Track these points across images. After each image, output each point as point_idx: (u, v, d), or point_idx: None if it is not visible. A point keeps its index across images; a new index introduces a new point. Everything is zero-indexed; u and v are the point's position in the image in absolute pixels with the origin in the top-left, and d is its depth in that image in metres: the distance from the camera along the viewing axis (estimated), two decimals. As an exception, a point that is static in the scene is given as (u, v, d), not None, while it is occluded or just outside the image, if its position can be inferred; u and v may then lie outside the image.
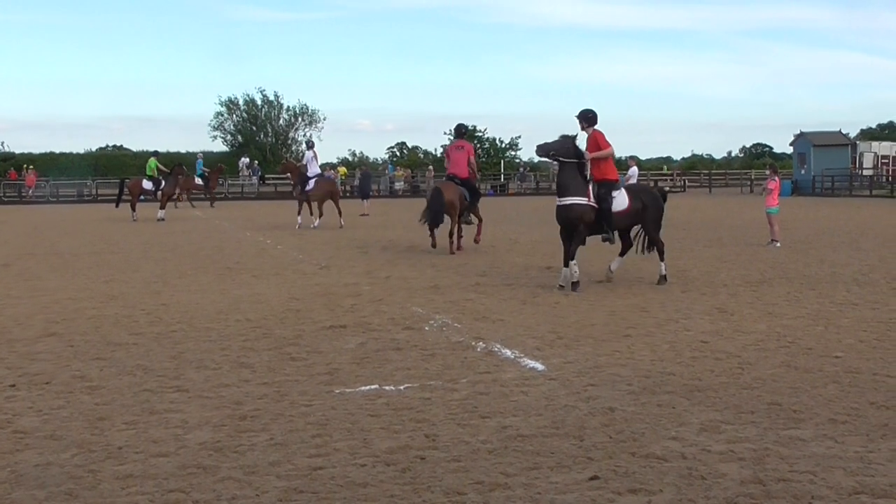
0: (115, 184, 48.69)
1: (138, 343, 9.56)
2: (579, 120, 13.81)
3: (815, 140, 58.18)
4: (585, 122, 13.78)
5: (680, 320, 10.60)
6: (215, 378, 7.96)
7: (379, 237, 24.28)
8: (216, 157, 77.32)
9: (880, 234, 23.82)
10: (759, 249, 19.32)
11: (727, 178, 79.48)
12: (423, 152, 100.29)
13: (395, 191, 65.10)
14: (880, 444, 5.88)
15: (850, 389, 7.30)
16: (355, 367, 8.35)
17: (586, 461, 5.61)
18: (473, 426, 6.40)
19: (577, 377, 7.81)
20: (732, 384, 7.52)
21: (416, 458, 5.73)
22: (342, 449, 5.92)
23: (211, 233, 26.99)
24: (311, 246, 21.61)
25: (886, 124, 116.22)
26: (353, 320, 10.83)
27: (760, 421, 6.44)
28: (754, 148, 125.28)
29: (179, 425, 6.52)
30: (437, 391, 7.41)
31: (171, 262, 18.13)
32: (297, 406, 7.00)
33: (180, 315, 11.32)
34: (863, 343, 9.18)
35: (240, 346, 9.33)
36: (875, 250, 18.96)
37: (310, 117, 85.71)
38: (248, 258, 18.75)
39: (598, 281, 13.89)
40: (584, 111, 13.85)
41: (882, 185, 56.61)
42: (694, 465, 5.49)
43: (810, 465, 5.46)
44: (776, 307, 11.49)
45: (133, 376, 8.05)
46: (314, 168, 28.85)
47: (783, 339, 9.39)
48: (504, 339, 9.57)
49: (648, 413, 6.68)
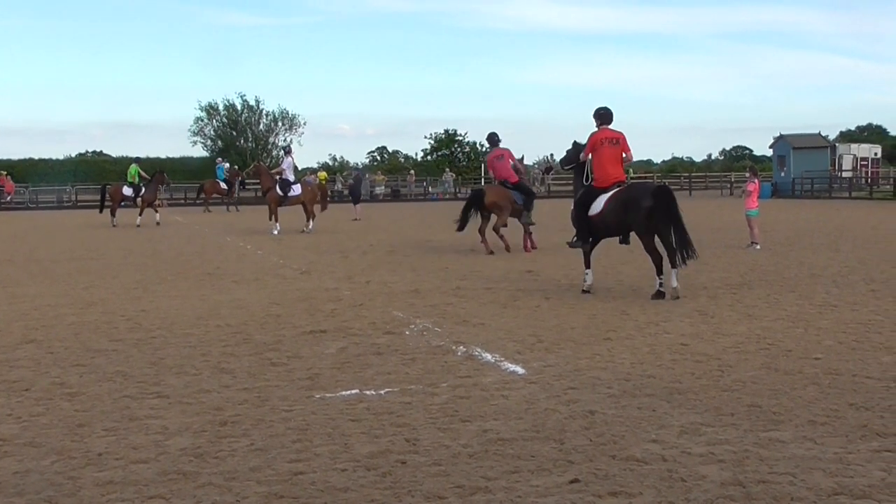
0: (96, 190, 48.56)
1: (118, 349, 9.51)
2: (594, 118, 13.50)
3: (795, 142, 58.55)
4: (598, 119, 13.42)
5: (660, 323, 10.63)
6: (195, 384, 7.93)
7: (359, 242, 24.25)
8: (196, 162, 77.17)
9: (859, 235, 23.97)
10: (739, 252, 19.40)
11: (707, 181, 79.75)
12: (403, 157, 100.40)
13: (375, 196, 65.08)
14: (859, 445, 5.91)
15: (830, 391, 7.34)
16: (336, 371, 8.33)
17: (567, 464, 5.61)
18: (454, 430, 6.40)
19: (558, 380, 7.82)
20: (712, 386, 7.55)
21: (396, 462, 5.72)
22: (323, 454, 5.91)
23: (191, 238, 26.91)
24: (291, 251, 21.58)
25: (865, 126, 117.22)
26: (333, 325, 10.81)
27: (740, 423, 6.46)
28: (734, 150, 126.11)
29: (160, 431, 6.49)
30: (417, 395, 7.40)
31: (152, 267, 18.06)
32: (278, 411, 6.98)
33: (160, 321, 11.28)
34: (842, 345, 9.22)
35: (220, 352, 9.29)
36: (854, 252, 19.08)
37: (290, 122, 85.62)
38: (229, 263, 18.70)
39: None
40: (595, 109, 13.52)
41: (861, 187, 57.01)
42: (674, 468, 5.51)
43: (790, 467, 5.48)
44: (756, 309, 11.53)
45: (113, 382, 8.01)
46: (291, 174, 28.79)
47: (763, 342, 9.43)
48: (484, 342, 9.58)
49: (629, 416, 6.69)
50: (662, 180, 75.56)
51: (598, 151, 13.21)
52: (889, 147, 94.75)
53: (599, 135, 13.29)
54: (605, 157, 13.16)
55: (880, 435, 6.11)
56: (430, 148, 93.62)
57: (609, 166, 13.17)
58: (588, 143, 13.38)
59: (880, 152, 67.33)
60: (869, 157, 63.15)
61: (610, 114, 13.46)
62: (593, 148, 13.28)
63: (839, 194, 55.04)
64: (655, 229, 12.63)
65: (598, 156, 13.21)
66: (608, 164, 13.17)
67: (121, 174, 52.05)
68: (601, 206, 13.04)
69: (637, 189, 13.24)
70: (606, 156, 13.16)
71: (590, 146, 13.33)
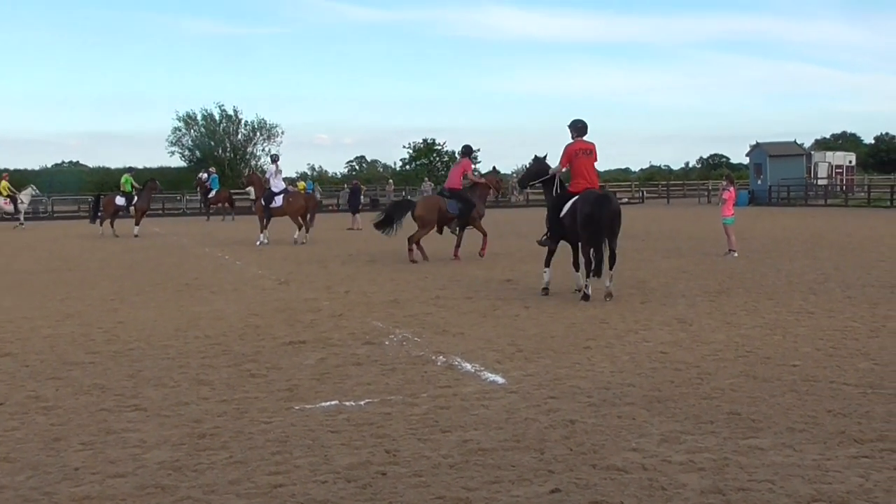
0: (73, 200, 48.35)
1: (95, 362, 9.44)
2: (570, 129, 13.98)
3: (771, 150, 58.96)
4: (574, 131, 13.94)
5: (639, 331, 10.66)
6: (174, 396, 7.88)
7: (338, 252, 24.20)
8: (174, 172, 76.91)
9: (835, 242, 24.13)
10: (717, 259, 19.49)
11: (685, 189, 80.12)
12: (382, 166, 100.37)
13: (354, 205, 64.89)
14: (837, 451, 5.94)
15: (808, 398, 7.37)
16: (315, 382, 8.30)
17: (547, 474, 5.61)
18: (434, 441, 6.39)
19: (538, 390, 7.82)
20: (692, 394, 7.57)
21: (376, 473, 5.70)
22: (302, 466, 5.88)
23: (169, 249, 26.77)
24: (270, 261, 21.50)
25: (840, 134, 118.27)
26: (312, 336, 10.78)
27: (720, 431, 6.48)
28: (711, 159, 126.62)
29: (137, 445, 6.44)
30: (397, 406, 7.38)
31: (129, 279, 17.95)
32: (257, 423, 6.95)
33: (138, 333, 11.20)
34: (819, 351, 9.27)
35: (198, 364, 9.24)
36: (830, 259, 19.19)
37: (268, 132, 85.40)
38: (207, 274, 18.61)
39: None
40: (571, 121, 14.03)
41: (836, 195, 57.43)
42: (654, 476, 5.51)
43: (769, 474, 5.50)
44: (734, 317, 11.58)
45: (90, 396, 7.94)
46: (278, 183, 27.93)
47: (741, 349, 9.47)
48: (464, 352, 9.57)
49: (609, 425, 6.69)
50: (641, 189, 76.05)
51: (575, 162, 13.82)
52: (863, 155, 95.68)
53: (575, 146, 13.87)
54: (582, 167, 13.81)
55: (858, 441, 6.14)
56: (408, 157, 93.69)
57: (585, 175, 13.82)
58: (565, 154, 13.92)
59: (854, 160, 67.86)
60: (844, 164, 63.62)
61: (586, 126, 13.99)
62: (570, 158, 13.83)
63: (815, 202, 55.41)
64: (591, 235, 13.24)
65: (576, 166, 13.83)
66: (584, 172, 13.83)
67: (98, 184, 51.94)
68: (567, 208, 13.78)
69: (584, 196, 13.57)
70: (583, 165, 13.82)
71: (567, 157, 13.87)
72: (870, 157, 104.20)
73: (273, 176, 27.96)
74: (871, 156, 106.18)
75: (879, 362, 8.68)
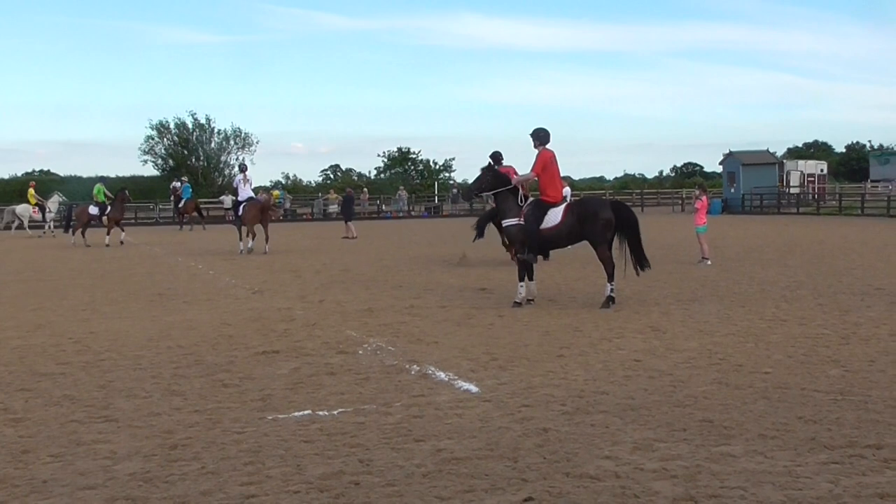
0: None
1: (65, 373, 9.36)
2: (531, 138, 14.03)
3: (744, 159, 59.47)
4: (536, 140, 14.01)
5: (613, 339, 10.69)
6: (146, 407, 7.82)
7: (312, 261, 24.13)
8: (147, 180, 76.50)
9: (807, 250, 24.32)
10: (691, 267, 19.59)
11: (659, 198, 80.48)
12: (356, 175, 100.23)
13: (328, 214, 64.92)
14: (808, 457, 5.97)
15: (779, 405, 7.41)
16: (289, 392, 8.27)
17: (521, 482, 5.60)
18: (408, 450, 6.37)
19: (512, 398, 7.82)
20: (665, 402, 7.59)
21: (350, 483, 5.68)
22: (275, 476, 5.85)
23: (142, 259, 26.61)
24: (243, 270, 21.41)
25: (812, 143, 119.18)
26: (286, 345, 10.73)
27: (692, 438, 6.50)
28: (685, 167, 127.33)
29: (108, 456, 6.38)
30: (371, 415, 7.36)
31: (101, 288, 17.82)
32: (230, 433, 6.91)
33: (109, 343, 11.12)
34: (791, 359, 9.33)
35: (171, 374, 9.18)
36: (802, 267, 19.34)
37: (242, 140, 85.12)
38: (180, 284, 18.51)
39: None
40: (534, 130, 14.09)
41: (808, 203, 57.93)
42: (627, 484, 5.52)
43: (741, 481, 5.52)
44: (707, 325, 11.64)
45: (60, 407, 7.87)
46: (245, 191, 27.92)
47: (714, 357, 9.51)
48: (438, 361, 9.56)
49: (582, 433, 6.70)
50: (614, 196, 76.27)
51: (549, 169, 13.85)
52: (834, 164, 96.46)
53: (548, 153, 13.95)
54: (555, 175, 13.92)
55: (828, 447, 6.18)
56: (383, 166, 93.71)
57: (559, 182, 14.01)
58: (539, 161, 13.94)
59: (826, 169, 68.44)
60: (815, 173, 64.19)
61: (549, 135, 14.10)
62: (544, 166, 13.82)
63: (787, 210, 55.88)
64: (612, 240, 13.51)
65: (550, 173, 13.87)
66: (558, 180, 13.97)
67: (69, 194, 51.62)
68: (558, 218, 13.61)
69: (594, 203, 13.94)
70: (555, 173, 13.94)
71: (541, 164, 13.89)
72: (841, 166, 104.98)
73: (241, 185, 28.08)
74: (842, 164, 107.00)
75: (850, 369, 8.75)
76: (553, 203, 13.77)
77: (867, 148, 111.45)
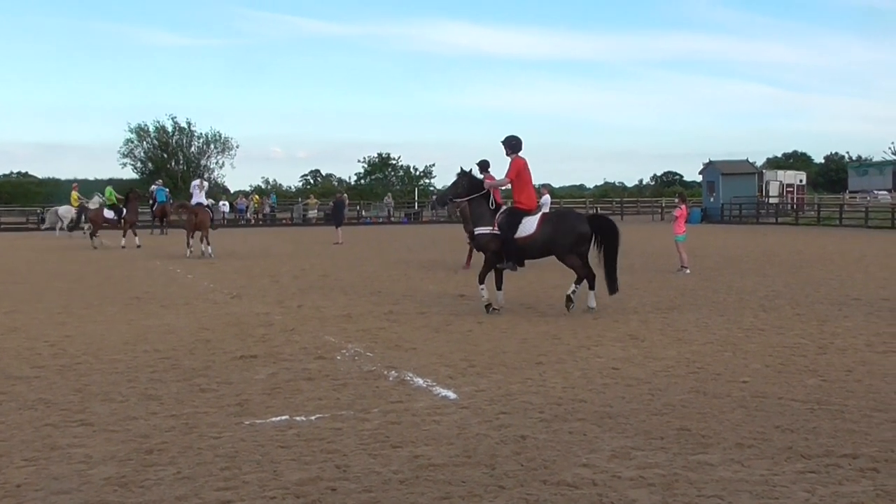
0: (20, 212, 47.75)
1: (40, 376, 9.28)
2: (503, 146, 14.01)
3: (724, 169, 59.78)
4: (508, 148, 13.99)
5: (591, 347, 10.69)
6: (122, 411, 7.76)
7: (291, 266, 24.06)
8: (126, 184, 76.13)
9: (785, 260, 24.44)
10: (670, 276, 19.63)
11: (639, 206, 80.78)
12: (337, 180, 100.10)
13: (308, 219, 64.82)
14: (784, 466, 5.99)
15: (757, 414, 7.43)
16: (266, 397, 8.23)
17: (497, 490, 5.59)
18: (385, 456, 6.35)
19: (489, 405, 7.81)
20: (643, 410, 7.60)
21: (326, 489, 5.65)
22: (251, 481, 5.81)
23: (120, 262, 26.45)
24: (222, 275, 21.32)
25: (791, 153, 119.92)
26: (264, 350, 10.69)
27: (670, 446, 6.51)
28: (665, 176, 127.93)
29: (83, 460, 6.33)
30: (348, 421, 7.33)
31: (77, 292, 17.70)
32: (206, 438, 6.86)
33: (86, 347, 11.04)
34: (769, 368, 9.36)
35: (147, 378, 9.12)
36: (780, 276, 19.43)
37: (222, 144, 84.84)
38: (158, 287, 18.40)
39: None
40: (506, 137, 14.06)
41: (787, 213, 58.29)
42: (604, 492, 5.52)
43: (717, 490, 5.53)
44: (686, 333, 11.67)
45: (34, 411, 7.80)
46: (198, 197, 28.62)
47: (692, 365, 9.53)
48: (416, 367, 9.54)
49: (560, 440, 6.70)
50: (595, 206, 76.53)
51: (522, 176, 13.84)
52: (813, 174, 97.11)
53: (520, 161, 13.93)
54: (528, 181, 13.92)
55: (805, 456, 6.20)
56: (363, 171, 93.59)
57: (531, 190, 13.99)
58: (513, 168, 13.89)
59: (805, 179, 68.88)
60: (794, 183, 64.59)
61: (521, 142, 14.09)
62: (518, 173, 13.82)
63: (766, 219, 56.21)
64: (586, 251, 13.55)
65: (522, 180, 13.86)
66: (530, 187, 13.96)
67: (47, 196, 51.44)
68: (533, 227, 13.59)
69: (572, 217, 13.90)
70: (528, 181, 13.95)
71: (515, 171, 13.86)
72: (820, 177, 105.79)
73: (196, 191, 28.76)
74: (820, 175, 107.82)
75: (827, 378, 8.79)
76: (527, 211, 13.76)
77: (846, 159, 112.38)
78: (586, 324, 12.55)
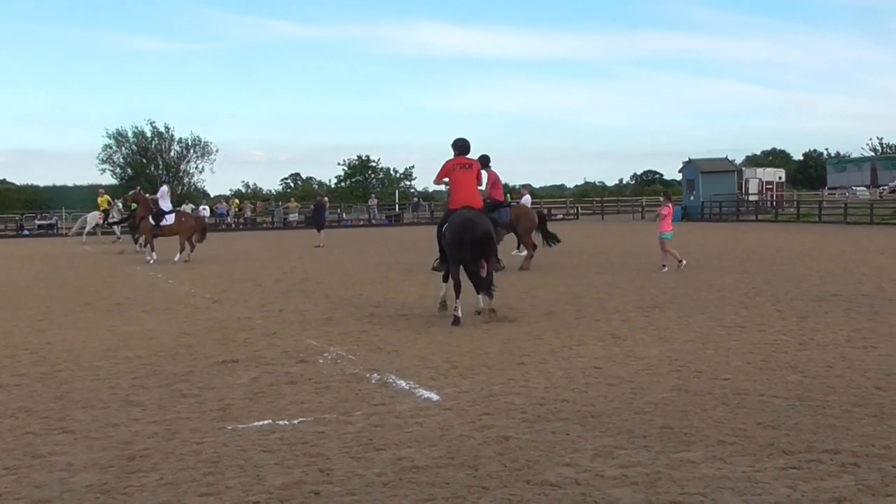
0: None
1: (21, 384, 9.23)
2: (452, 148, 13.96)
3: (703, 167, 60.05)
4: (457, 150, 13.88)
5: (573, 347, 10.71)
6: (103, 418, 7.72)
7: (273, 270, 24.01)
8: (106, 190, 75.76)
9: (766, 257, 24.56)
10: (651, 275, 19.69)
11: (619, 206, 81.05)
12: (317, 183, 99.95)
13: (289, 223, 64.72)
14: (766, 463, 6.02)
15: (738, 411, 7.46)
16: (248, 402, 8.21)
17: (481, 491, 5.59)
18: (368, 459, 6.34)
19: (472, 406, 7.82)
20: (625, 409, 7.62)
21: (310, 493, 5.64)
22: (235, 486, 5.79)
23: (100, 268, 26.34)
24: (203, 279, 21.26)
25: (770, 151, 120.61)
26: (246, 355, 10.66)
27: (652, 445, 6.53)
28: (645, 175, 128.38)
29: (64, 468, 6.29)
30: (331, 424, 7.32)
31: (58, 298, 17.62)
32: (189, 444, 6.84)
33: (66, 353, 10.98)
34: (750, 365, 9.40)
35: (129, 384, 9.08)
36: (761, 273, 19.52)
37: (202, 149, 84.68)
38: (139, 293, 18.33)
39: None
40: (455, 140, 13.99)
41: (767, 210, 58.63)
42: (588, 491, 5.53)
43: (700, 487, 5.55)
44: (667, 332, 11.70)
45: (15, 419, 7.75)
46: (166, 203, 28.61)
47: (674, 363, 9.56)
48: (399, 369, 9.53)
49: (543, 440, 6.71)
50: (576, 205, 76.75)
51: (453, 176, 13.65)
52: (792, 171, 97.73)
53: (454, 161, 13.77)
54: (458, 182, 13.62)
55: (787, 453, 6.23)
56: (343, 174, 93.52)
57: (461, 190, 13.57)
58: (442, 169, 13.80)
59: (784, 176, 69.31)
60: (774, 180, 65.01)
61: (468, 145, 13.93)
62: (447, 174, 13.73)
63: (746, 217, 56.51)
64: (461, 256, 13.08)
65: (454, 181, 13.65)
66: (460, 188, 13.59)
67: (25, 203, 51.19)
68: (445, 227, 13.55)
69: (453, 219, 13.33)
70: (459, 180, 13.62)
71: (444, 172, 13.77)
72: (799, 174, 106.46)
73: (163, 197, 28.78)
74: (799, 172, 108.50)
75: (808, 374, 8.83)
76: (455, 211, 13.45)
77: (824, 156, 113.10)
78: (568, 324, 12.57)
